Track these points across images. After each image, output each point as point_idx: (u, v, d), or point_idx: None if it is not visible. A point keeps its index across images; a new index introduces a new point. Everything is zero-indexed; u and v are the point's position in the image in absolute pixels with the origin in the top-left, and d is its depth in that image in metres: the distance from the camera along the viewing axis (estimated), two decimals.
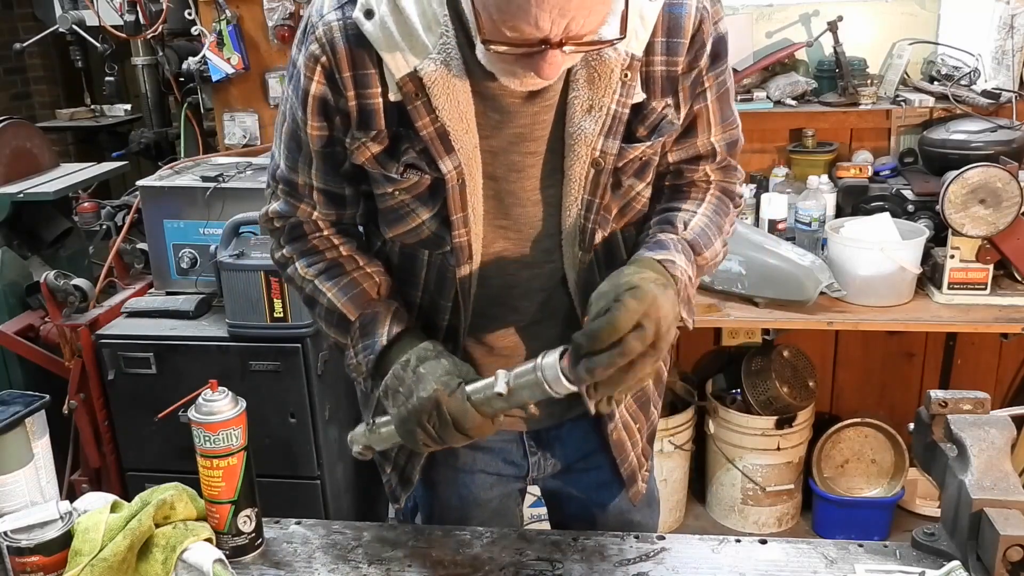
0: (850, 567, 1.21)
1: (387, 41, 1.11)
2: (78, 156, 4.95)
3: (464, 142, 1.16)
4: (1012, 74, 2.81)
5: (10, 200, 2.76)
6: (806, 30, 3.00)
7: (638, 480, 1.47)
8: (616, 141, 1.18)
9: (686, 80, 1.20)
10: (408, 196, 1.22)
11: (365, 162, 1.21)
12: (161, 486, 1.27)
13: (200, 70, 3.07)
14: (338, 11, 1.15)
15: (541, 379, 1.08)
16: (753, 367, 3.00)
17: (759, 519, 3.07)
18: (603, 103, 1.16)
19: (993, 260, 2.43)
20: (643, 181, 1.27)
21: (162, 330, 2.48)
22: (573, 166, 1.19)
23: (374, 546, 1.30)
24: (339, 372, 2.57)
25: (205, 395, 1.24)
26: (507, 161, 1.21)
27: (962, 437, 1.17)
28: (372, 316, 1.25)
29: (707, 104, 1.25)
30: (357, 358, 1.27)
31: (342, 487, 2.64)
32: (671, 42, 1.17)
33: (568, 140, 1.18)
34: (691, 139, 1.28)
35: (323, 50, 1.15)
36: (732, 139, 1.31)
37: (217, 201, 2.52)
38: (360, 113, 1.17)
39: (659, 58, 1.17)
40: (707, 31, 1.18)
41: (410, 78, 1.12)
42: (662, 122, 1.21)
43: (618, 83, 1.15)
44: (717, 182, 1.33)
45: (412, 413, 1.15)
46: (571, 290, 1.29)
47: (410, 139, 1.17)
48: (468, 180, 1.18)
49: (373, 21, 1.11)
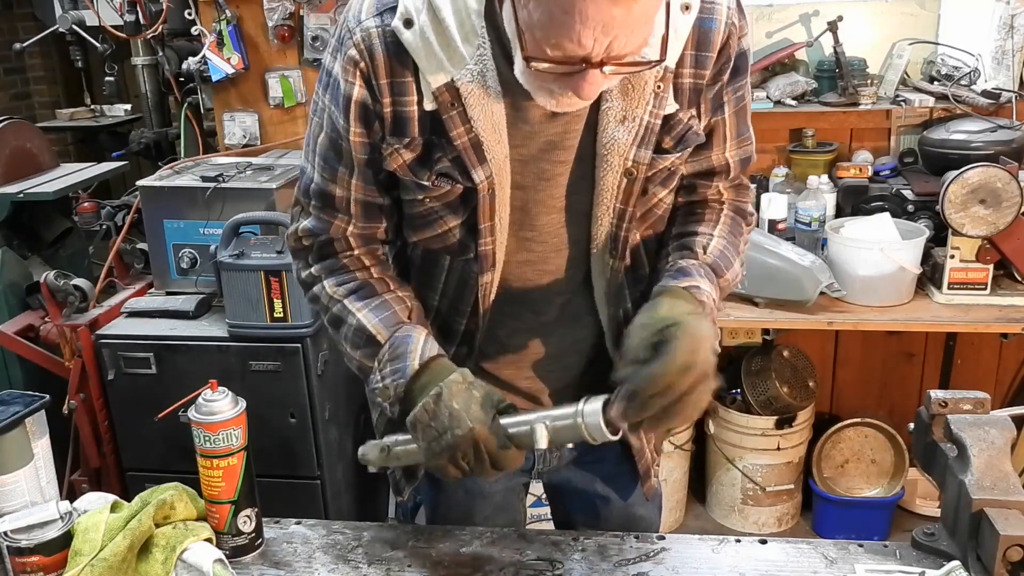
0: (850, 567, 1.21)
1: (426, 51, 1.11)
2: (78, 156, 4.95)
3: (496, 152, 1.17)
4: (1012, 74, 2.82)
5: (10, 200, 2.76)
6: (806, 30, 3.00)
7: (652, 475, 1.48)
8: (648, 151, 1.19)
9: (708, 92, 1.21)
10: (438, 204, 1.23)
11: (397, 169, 1.21)
12: (161, 486, 1.27)
13: (200, 70, 3.07)
14: (377, 18, 1.14)
15: (582, 427, 1.09)
16: (753, 367, 3.00)
17: (759, 519, 3.07)
18: (636, 114, 1.16)
19: (993, 260, 2.43)
20: (667, 188, 1.28)
21: (162, 330, 2.48)
22: (606, 176, 1.20)
23: (374, 546, 1.30)
24: (339, 372, 2.58)
25: (205, 395, 1.24)
26: (536, 170, 1.21)
27: (962, 437, 1.17)
28: (403, 339, 1.21)
29: (724, 118, 1.26)
30: (384, 382, 1.21)
31: (342, 487, 2.64)
32: (700, 55, 1.17)
33: (601, 150, 1.19)
34: (706, 152, 1.28)
35: (361, 56, 1.15)
36: (746, 155, 1.31)
37: (217, 201, 2.52)
38: (395, 120, 1.18)
39: (688, 70, 1.18)
40: (733, 46, 1.19)
41: (447, 88, 1.13)
42: (688, 133, 1.22)
43: (651, 94, 1.15)
44: (730, 201, 1.34)
45: (446, 449, 1.12)
46: (596, 298, 1.30)
47: (443, 148, 1.17)
48: (498, 190, 1.19)
49: (412, 31, 1.11)
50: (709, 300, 1.19)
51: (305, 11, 2.99)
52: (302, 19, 3.01)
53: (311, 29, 3.00)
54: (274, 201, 2.50)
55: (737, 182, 1.34)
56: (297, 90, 3.10)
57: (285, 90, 3.08)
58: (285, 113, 3.14)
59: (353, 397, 2.68)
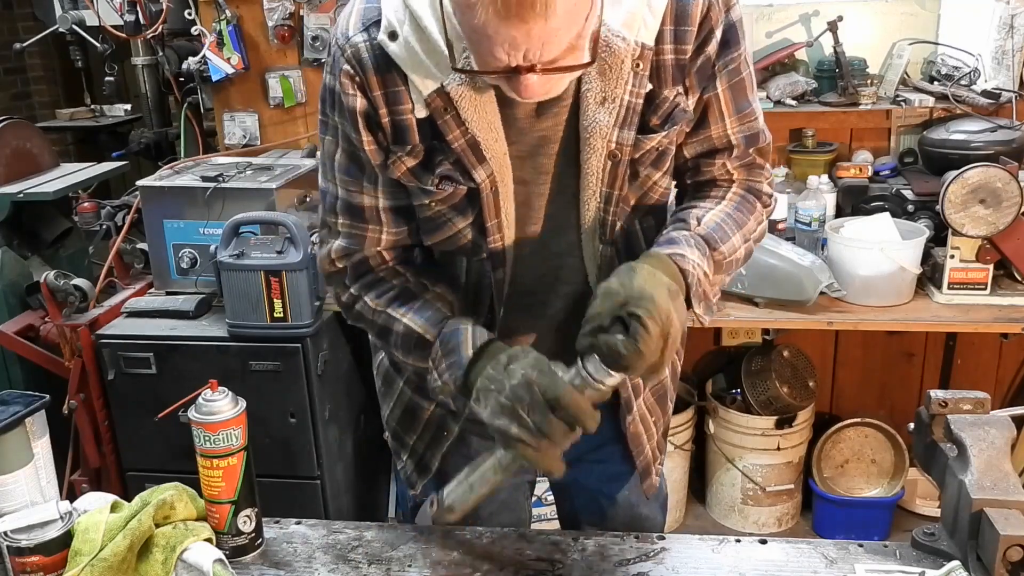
0: (850, 567, 1.21)
1: (412, 60, 1.13)
2: (78, 156, 4.94)
3: (495, 150, 1.18)
4: (1012, 74, 2.81)
5: (10, 200, 2.76)
6: (806, 30, 3.00)
7: (652, 473, 1.48)
8: (631, 132, 1.19)
9: (692, 66, 1.19)
10: (444, 207, 1.24)
11: (401, 176, 1.22)
12: (161, 486, 1.27)
13: (200, 70, 3.07)
14: (363, 33, 1.16)
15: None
16: (753, 367, 3.00)
17: (759, 519, 3.07)
18: (616, 94, 1.16)
19: (993, 260, 2.43)
20: (660, 170, 1.26)
21: (162, 330, 2.48)
22: (590, 159, 1.20)
23: (374, 546, 1.30)
24: (339, 372, 2.58)
25: (205, 395, 1.24)
26: (534, 164, 1.22)
27: (962, 437, 1.17)
28: (452, 333, 1.21)
29: (717, 93, 1.23)
30: (443, 377, 1.21)
31: (342, 487, 2.64)
32: (679, 30, 1.16)
33: (583, 133, 1.19)
34: (704, 131, 1.26)
35: (355, 70, 1.17)
36: (751, 132, 1.27)
37: (217, 201, 2.53)
38: (394, 129, 1.19)
39: (668, 47, 1.17)
40: (715, 18, 1.17)
41: (438, 94, 1.14)
42: (675, 111, 1.21)
43: (630, 73, 1.15)
44: (741, 180, 1.31)
45: (505, 405, 1.09)
46: (591, 284, 1.30)
47: (443, 151, 1.19)
48: (500, 187, 1.20)
49: (397, 42, 1.13)
50: (696, 270, 1.16)
51: (305, 11, 2.99)
52: (302, 19, 3.01)
53: (311, 29, 3.00)
54: (274, 201, 2.50)
55: (748, 160, 1.30)
56: (297, 90, 3.09)
57: (285, 90, 3.08)
58: (285, 113, 3.14)
59: (353, 397, 2.68)
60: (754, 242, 1.30)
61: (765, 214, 1.32)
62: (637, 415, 1.41)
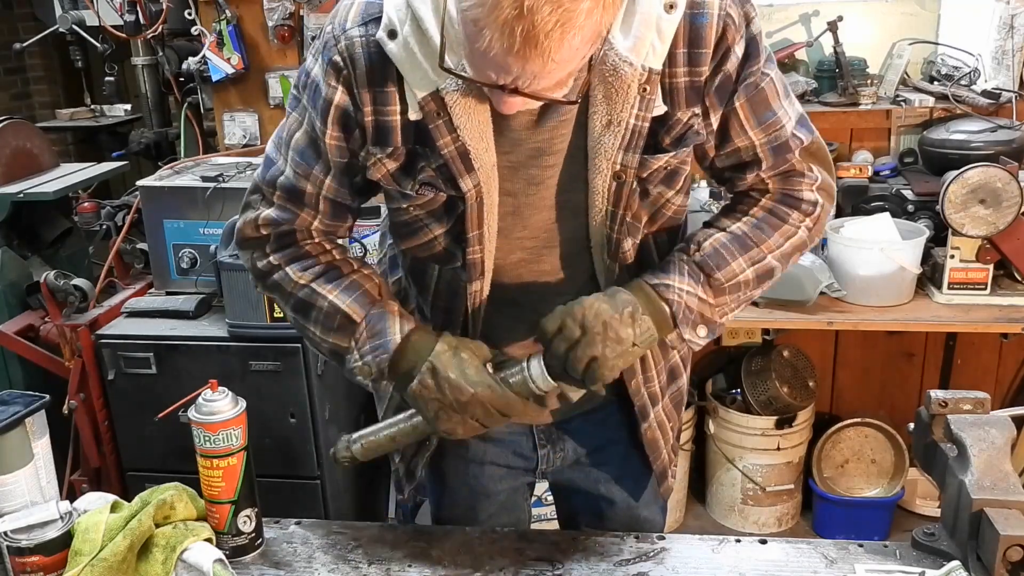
0: (850, 567, 1.21)
1: (410, 62, 1.12)
2: (78, 156, 4.94)
3: (483, 160, 1.17)
4: (1012, 74, 2.82)
5: (10, 200, 2.75)
6: (806, 30, 3.00)
7: (668, 476, 1.48)
8: (636, 155, 1.18)
9: (711, 86, 1.18)
10: (422, 212, 1.23)
11: (381, 178, 1.22)
12: (161, 486, 1.27)
13: (200, 70, 3.07)
14: (361, 27, 1.15)
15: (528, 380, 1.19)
16: (753, 367, 3.00)
17: (759, 519, 3.07)
18: (621, 118, 1.15)
19: (993, 260, 2.43)
20: (673, 188, 1.25)
21: (162, 330, 2.48)
22: (595, 179, 1.20)
23: (374, 546, 1.30)
24: (339, 372, 2.56)
25: (205, 395, 1.24)
26: (525, 175, 1.21)
27: (962, 437, 1.17)
28: (379, 316, 1.23)
29: (736, 107, 1.21)
30: (364, 359, 1.23)
31: (342, 487, 2.64)
32: (693, 53, 1.15)
33: (590, 153, 1.18)
34: (729, 145, 1.24)
35: (344, 63, 1.16)
36: (777, 141, 1.24)
37: (217, 201, 2.52)
38: (376, 129, 1.18)
39: (682, 69, 1.15)
40: (732, 37, 1.15)
41: (432, 98, 1.13)
42: (687, 132, 1.20)
43: (636, 97, 1.14)
44: (776, 191, 1.28)
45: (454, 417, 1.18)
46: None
47: (427, 157, 1.18)
48: (486, 198, 1.19)
49: (396, 42, 1.11)
50: (681, 299, 1.19)
51: (305, 11, 2.99)
52: (302, 19, 3.01)
53: (311, 29, 3.00)
54: None
55: (784, 168, 1.26)
56: None
57: (285, 90, 3.08)
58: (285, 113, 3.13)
59: (353, 397, 2.68)
60: (782, 258, 1.27)
61: (808, 222, 1.28)
62: (655, 422, 1.40)
